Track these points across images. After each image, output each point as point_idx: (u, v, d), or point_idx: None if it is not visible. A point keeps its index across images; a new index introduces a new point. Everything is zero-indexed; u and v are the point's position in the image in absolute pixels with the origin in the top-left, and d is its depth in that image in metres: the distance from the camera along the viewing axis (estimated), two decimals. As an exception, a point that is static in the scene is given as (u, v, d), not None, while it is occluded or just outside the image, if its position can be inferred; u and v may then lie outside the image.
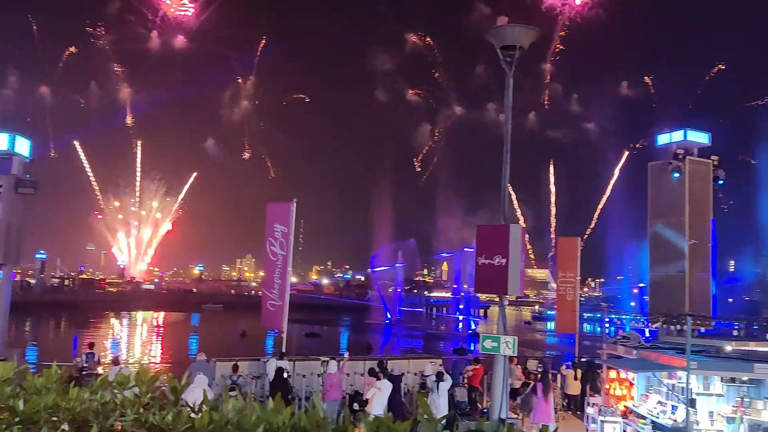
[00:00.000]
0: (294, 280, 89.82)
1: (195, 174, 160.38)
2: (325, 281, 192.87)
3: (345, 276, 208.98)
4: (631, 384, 17.09)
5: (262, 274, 26.69)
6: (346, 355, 20.59)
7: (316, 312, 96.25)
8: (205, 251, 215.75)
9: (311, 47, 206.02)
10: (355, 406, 18.42)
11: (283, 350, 20.43)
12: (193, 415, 2.78)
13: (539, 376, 18.79)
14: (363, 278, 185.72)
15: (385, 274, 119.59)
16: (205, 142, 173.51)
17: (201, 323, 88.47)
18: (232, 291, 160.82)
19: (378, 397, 16.32)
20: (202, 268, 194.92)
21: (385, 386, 16.54)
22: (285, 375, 18.22)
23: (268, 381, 18.33)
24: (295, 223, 20.54)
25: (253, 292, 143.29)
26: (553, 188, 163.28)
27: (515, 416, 20.64)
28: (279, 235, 20.15)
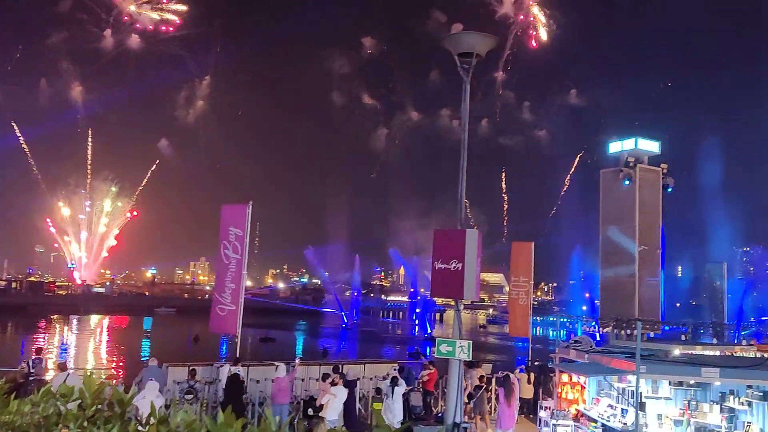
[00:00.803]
0: (249, 283, 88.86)
1: (157, 162, 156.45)
2: (281, 285, 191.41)
3: (301, 280, 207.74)
4: (583, 387, 17.37)
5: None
6: (297, 360, 20.42)
7: (271, 316, 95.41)
8: (158, 254, 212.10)
9: (268, 49, 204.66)
10: (310, 411, 18.30)
11: (237, 355, 20.16)
12: (140, 428, 2.69)
13: (502, 380, 18.91)
14: (319, 282, 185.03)
15: (341, 278, 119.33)
16: (158, 143, 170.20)
17: (153, 327, 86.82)
18: (186, 294, 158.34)
19: (333, 403, 16.22)
20: (154, 271, 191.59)
21: (340, 392, 16.45)
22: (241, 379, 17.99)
23: (221, 387, 18.07)
24: (251, 226, 20.30)
25: (207, 295, 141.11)
26: (505, 194, 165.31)
27: (470, 420, 20.79)
28: (233, 238, 19.88)
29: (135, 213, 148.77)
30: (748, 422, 13.88)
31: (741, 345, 26.61)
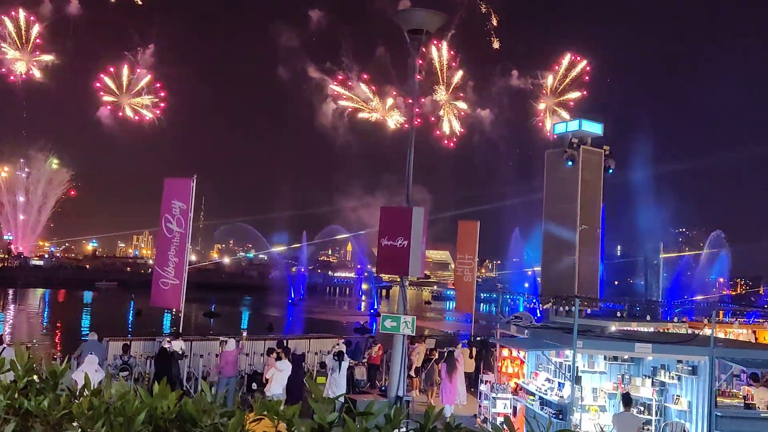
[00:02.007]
0: (193, 258, 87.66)
1: (96, 132, 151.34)
2: (227, 260, 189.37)
3: (247, 255, 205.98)
4: (522, 362, 17.84)
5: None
6: (244, 335, 20.39)
7: (216, 291, 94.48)
8: (100, 227, 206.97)
9: (214, 21, 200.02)
10: (254, 385, 18.33)
11: (181, 330, 19.98)
12: (74, 399, 2.67)
13: (445, 356, 19.22)
14: (266, 257, 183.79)
15: (288, 254, 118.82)
16: (98, 112, 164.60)
17: (94, 301, 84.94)
18: (128, 268, 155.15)
19: (277, 377, 16.27)
20: (95, 244, 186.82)
21: (285, 366, 16.50)
22: (180, 352, 17.85)
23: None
24: (196, 200, 20.02)
25: (150, 270, 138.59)
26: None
27: (417, 393, 21.20)
28: (177, 211, 19.57)
29: (73, 193, 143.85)
30: (677, 395, 14.51)
31: (673, 322, 27.76)
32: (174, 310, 21.02)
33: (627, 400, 13.77)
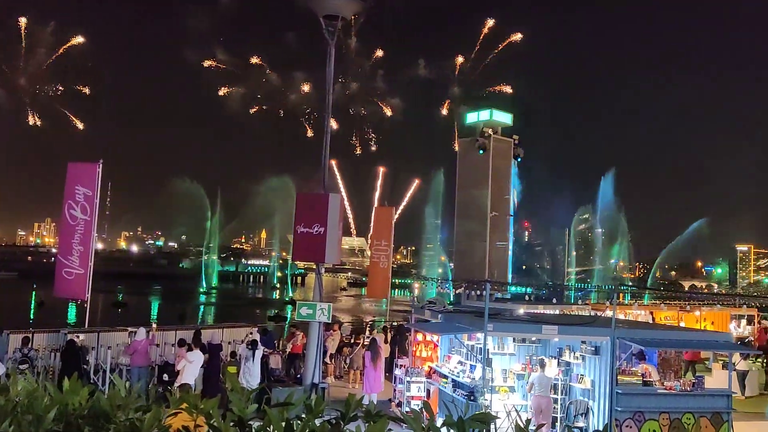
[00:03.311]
0: (99, 246, 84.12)
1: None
2: (135, 248, 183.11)
3: (157, 243, 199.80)
4: (436, 346, 18.22)
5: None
6: (154, 325, 19.84)
7: (124, 280, 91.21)
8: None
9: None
10: (165, 377, 17.90)
11: (87, 321, 19.24)
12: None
13: (368, 344, 19.30)
14: (176, 245, 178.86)
15: (199, 241, 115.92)
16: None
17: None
18: (29, 257, 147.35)
19: (189, 369, 15.93)
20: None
21: (197, 357, 16.18)
22: (81, 345, 17.20)
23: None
24: (102, 186, 19.24)
25: (53, 259, 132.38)
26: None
27: (332, 379, 21.28)
28: (81, 198, 18.76)
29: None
30: (581, 375, 15.22)
31: (577, 304, 29.03)
32: (79, 300, 20.17)
33: (542, 363, 14.77)
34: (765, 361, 24.08)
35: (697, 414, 13.91)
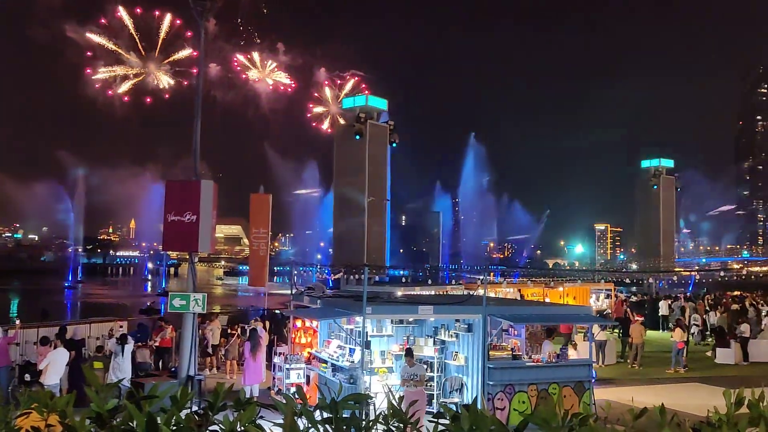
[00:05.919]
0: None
1: None
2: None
3: (15, 236, 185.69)
4: (315, 332, 18.20)
5: None
6: (18, 323, 18.50)
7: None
8: None
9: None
10: (27, 377, 16.82)
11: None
12: None
13: (249, 334, 18.88)
14: (37, 238, 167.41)
15: (62, 233, 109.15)
16: None
17: None
18: None
19: (52, 367, 15.02)
20: None
21: (60, 355, 15.28)
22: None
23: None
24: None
25: None
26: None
27: (213, 371, 20.75)
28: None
29: None
30: (455, 352, 15.75)
31: (452, 284, 30.03)
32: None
33: (409, 352, 14.76)
34: (621, 331, 26.01)
35: (562, 383, 14.80)
